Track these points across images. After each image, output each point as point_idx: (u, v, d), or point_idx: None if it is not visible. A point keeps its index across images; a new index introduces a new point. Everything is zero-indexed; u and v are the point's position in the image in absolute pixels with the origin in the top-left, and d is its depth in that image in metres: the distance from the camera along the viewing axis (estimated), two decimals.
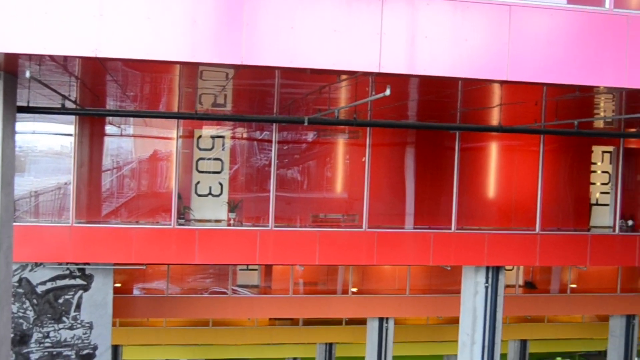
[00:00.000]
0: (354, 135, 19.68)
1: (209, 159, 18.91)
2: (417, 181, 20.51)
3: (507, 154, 21.12)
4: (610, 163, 21.94)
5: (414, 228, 20.33)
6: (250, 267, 29.05)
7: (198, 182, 18.99)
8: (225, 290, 28.25)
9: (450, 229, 20.19)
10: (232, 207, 19.13)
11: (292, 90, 16.53)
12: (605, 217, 21.89)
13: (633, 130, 21.86)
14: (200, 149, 18.89)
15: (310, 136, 19.73)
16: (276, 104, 17.81)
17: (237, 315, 30.35)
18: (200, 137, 18.86)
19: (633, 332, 31.11)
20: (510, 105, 18.30)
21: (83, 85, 14.26)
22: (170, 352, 40.71)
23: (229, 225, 19.03)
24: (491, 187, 21.01)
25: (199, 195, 19.00)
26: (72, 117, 17.25)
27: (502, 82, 12.73)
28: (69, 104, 16.09)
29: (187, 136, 18.69)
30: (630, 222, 21.83)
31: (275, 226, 18.99)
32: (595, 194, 22.01)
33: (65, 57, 10.61)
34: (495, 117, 19.86)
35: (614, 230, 21.60)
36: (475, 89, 14.44)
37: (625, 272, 30.15)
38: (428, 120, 20.16)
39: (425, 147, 20.64)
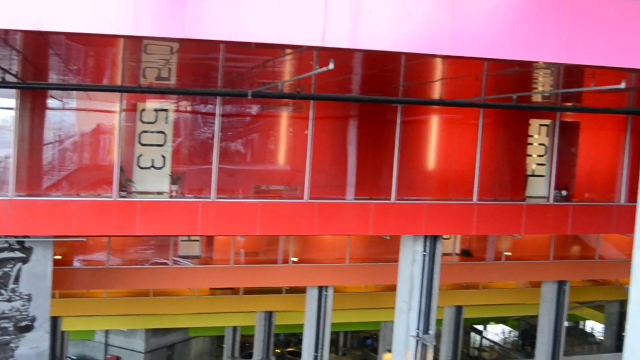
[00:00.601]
0: (298, 108, 19.68)
1: (152, 132, 18.69)
2: (359, 153, 20.65)
3: (447, 127, 21.39)
4: (547, 136, 22.39)
5: (355, 199, 20.49)
6: (191, 238, 28.93)
7: (140, 155, 18.79)
8: (166, 261, 28.09)
9: (390, 199, 20.42)
10: (175, 179, 19.00)
11: (237, 64, 16.43)
12: (540, 187, 22.37)
13: (569, 104, 22.36)
14: (143, 122, 18.67)
15: (254, 109, 19.66)
16: (220, 78, 17.68)
17: (178, 285, 30.30)
18: (143, 110, 18.63)
19: (564, 297, 32.00)
20: (451, 79, 18.51)
21: (25, 59, 13.91)
22: (110, 323, 40.41)
23: (170, 197, 18.88)
24: (431, 159, 21.28)
25: (142, 168, 18.80)
26: (13, 91, 16.85)
27: (444, 57, 12.88)
28: (10, 78, 15.72)
29: (130, 109, 18.44)
30: (564, 193, 22.37)
31: (218, 198, 18.94)
32: (532, 165, 22.47)
33: (6, 31, 10.33)
34: (436, 91, 20.08)
35: (549, 200, 22.12)
36: (417, 64, 14.56)
37: (558, 240, 30.97)
38: (371, 94, 20.26)
39: (368, 120, 20.76)
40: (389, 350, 30.49)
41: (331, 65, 10.67)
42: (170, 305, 34.36)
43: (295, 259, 29.18)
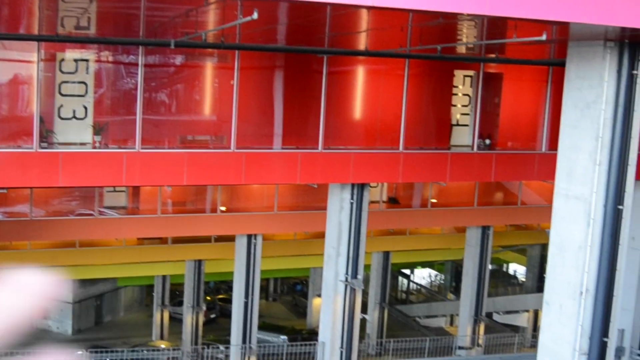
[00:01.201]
0: (223, 58, 19.43)
1: (73, 82, 18.24)
2: (286, 103, 20.59)
3: (372, 78, 21.44)
4: (471, 86, 22.67)
5: (282, 148, 20.48)
6: (117, 188, 28.57)
7: (61, 106, 18.34)
8: (92, 212, 27.72)
9: (317, 148, 20.48)
10: (97, 130, 18.66)
11: (159, 14, 16.07)
12: (464, 136, 22.72)
13: (492, 55, 22.63)
14: (63, 72, 18.19)
15: (179, 60, 19.33)
16: (142, 27, 17.28)
17: (104, 236, 30.00)
18: (63, 60, 18.13)
19: (487, 241, 32.83)
20: (377, 30, 18.49)
21: None
22: None
23: (94, 147, 18.56)
24: (357, 109, 21.35)
25: (62, 119, 18.38)
26: None
27: (369, 8, 12.86)
28: None
29: (49, 59, 17.93)
30: (487, 141, 22.79)
31: (143, 148, 18.69)
32: (456, 115, 22.77)
33: None
34: (362, 42, 20.06)
35: (473, 149, 22.49)
36: (343, 15, 14.50)
37: (482, 187, 31.63)
38: (297, 45, 20.13)
39: (294, 70, 20.66)
40: (319, 295, 31.02)
41: (255, 15, 10.57)
42: (97, 255, 34.07)
43: (223, 208, 29.15)
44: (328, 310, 23.61)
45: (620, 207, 12.35)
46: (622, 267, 12.80)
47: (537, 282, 45.45)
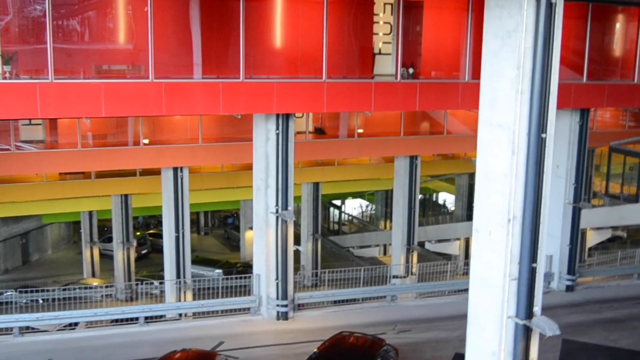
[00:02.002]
0: None
1: None
2: (204, 32, 19.85)
3: (292, 6, 20.83)
4: (392, 14, 22.26)
5: (203, 78, 19.89)
6: (33, 121, 27.57)
7: None
8: (7, 147, 26.72)
9: (239, 78, 19.94)
10: (6, 59, 17.71)
11: None
12: (388, 65, 22.44)
13: None
14: None
15: None
16: None
17: (23, 171, 29.06)
18: None
19: (416, 171, 33.02)
20: None
21: None
22: None
23: (4, 78, 17.66)
24: (278, 37, 20.77)
25: None
26: None
27: None
28: None
29: None
30: (410, 70, 22.56)
31: (56, 79, 17.89)
32: (379, 44, 22.40)
33: None
34: None
35: (396, 78, 22.25)
36: None
37: (408, 117, 31.59)
38: None
39: None
40: (251, 228, 30.78)
41: None
42: (18, 192, 33.10)
43: (146, 141, 28.47)
44: (261, 242, 23.54)
45: (543, 135, 12.27)
46: (547, 195, 12.83)
47: (467, 211, 46.26)
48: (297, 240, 28.68)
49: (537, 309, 13.24)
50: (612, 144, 34.84)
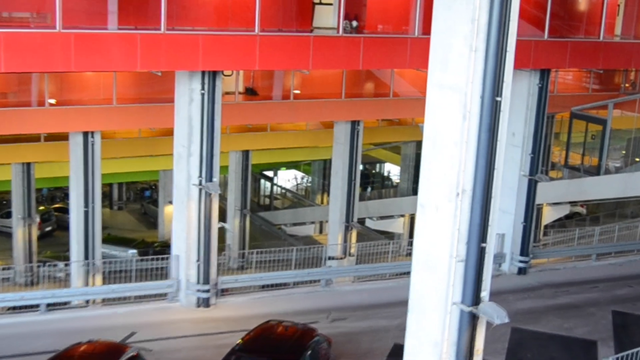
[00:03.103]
0: None
1: None
2: None
3: None
4: None
5: (118, 29, 19.62)
6: None
7: None
8: None
9: (159, 29, 19.73)
10: None
11: None
12: (328, 17, 22.44)
13: None
14: None
15: None
16: None
17: None
18: None
19: (357, 138, 33.15)
20: None
21: None
22: None
23: None
24: None
25: None
26: None
27: None
28: None
29: None
30: (354, 23, 22.59)
31: None
32: None
33: None
34: None
35: (338, 32, 22.27)
36: None
37: (350, 77, 31.65)
38: None
39: None
40: (171, 202, 30.62)
41: None
42: None
43: (52, 101, 27.96)
44: (181, 218, 23.46)
45: (498, 98, 12.36)
46: (500, 166, 12.94)
47: (413, 184, 46.64)
48: (222, 217, 28.66)
49: (484, 294, 13.35)
50: (573, 110, 35.43)
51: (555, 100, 33.42)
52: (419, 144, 44.28)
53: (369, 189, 53.45)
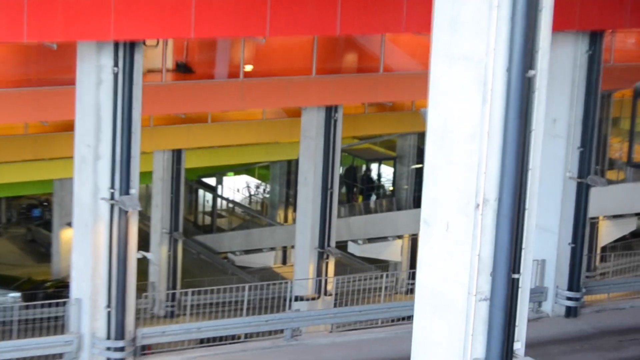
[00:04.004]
0: None
1: None
2: None
3: None
4: None
5: None
6: None
7: None
8: None
9: None
10: None
11: None
12: None
13: None
14: None
15: None
16: None
17: None
18: None
19: (335, 131, 33.22)
20: None
21: None
22: None
23: None
24: None
25: None
26: None
27: None
28: None
29: None
30: None
31: None
32: None
33: None
34: None
35: None
36: None
37: (324, 46, 31.75)
38: None
39: None
40: (70, 224, 30.55)
41: None
42: None
43: None
44: (84, 247, 23.53)
45: (531, 72, 12.49)
46: (537, 166, 13.08)
47: (414, 193, 46.69)
48: (144, 244, 28.64)
49: (518, 346, 13.58)
50: (638, 85, 35.51)
51: (613, 73, 33.53)
52: (421, 137, 44.52)
53: (372, 198, 52.92)
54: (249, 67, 31.64)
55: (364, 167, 54.55)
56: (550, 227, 27.46)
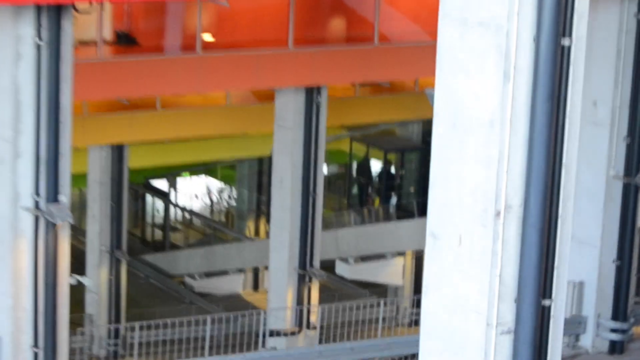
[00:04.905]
0: None
1: None
2: None
3: None
4: None
5: None
6: None
7: None
8: None
9: None
10: None
11: None
12: None
13: None
14: None
15: None
16: None
17: None
18: None
19: (318, 118, 33.28)
20: None
21: None
22: None
23: None
24: None
25: None
26: None
27: None
28: None
29: None
30: None
31: None
32: None
33: None
34: None
35: None
36: None
37: (301, 10, 31.78)
38: None
39: None
40: None
41: None
42: None
43: None
44: (2, 270, 23.48)
45: (565, 41, 12.49)
46: (573, 161, 13.07)
47: (418, 197, 46.82)
48: (78, 265, 28.54)
49: None
50: None
51: None
52: (427, 126, 44.54)
53: (392, 200, 52.42)
54: (208, 38, 31.64)
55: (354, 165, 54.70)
56: (589, 240, 27.39)
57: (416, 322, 33.13)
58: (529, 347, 13.16)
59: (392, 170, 51.69)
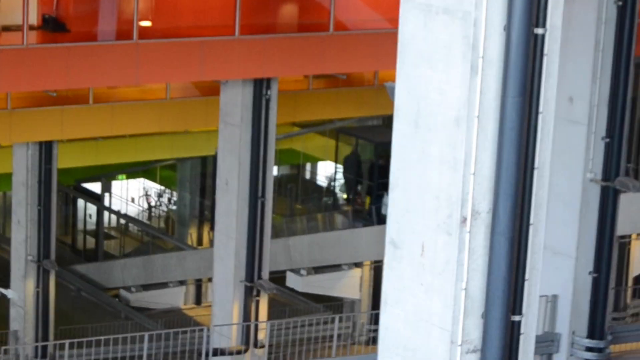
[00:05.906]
0: None
1: None
2: None
3: None
4: None
5: None
6: None
7: None
8: None
9: None
10: None
11: None
12: None
13: None
14: None
15: None
16: None
17: None
18: None
19: (267, 114, 33.31)
20: None
21: None
22: None
23: None
24: None
25: None
26: None
27: None
28: None
29: None
30: None
31: None
32: None
33: None
34: None
35: None
36: None
37: None
38: None
39: None
40: None
41: None
42: None
43: None
44: None
45: (538, 30, 12.52)
46: (546, 163, 13.13)
47: (376, 202, 46.86)
48: (2, 276, 28.41)
49: None
50: None
51: None
52: (387, 122, 44.66)
53: (385, 199, 51.95)
54: (146, 23, 31.58)
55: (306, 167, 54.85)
56: (564, 250, 27.49)
57: (374, 340, 33.22)
58: None
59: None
